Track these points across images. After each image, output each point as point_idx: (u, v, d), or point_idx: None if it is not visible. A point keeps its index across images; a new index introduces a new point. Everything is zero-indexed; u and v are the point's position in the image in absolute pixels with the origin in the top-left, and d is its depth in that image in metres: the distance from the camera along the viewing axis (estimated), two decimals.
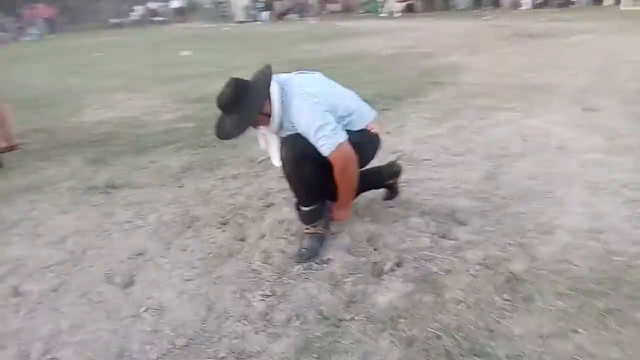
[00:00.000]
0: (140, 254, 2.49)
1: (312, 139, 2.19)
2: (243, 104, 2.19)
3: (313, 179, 2.30)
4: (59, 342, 1.86)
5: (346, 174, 2.26)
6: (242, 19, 23.81)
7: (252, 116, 2.20)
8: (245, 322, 1.92)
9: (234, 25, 21.39)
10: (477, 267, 2.18)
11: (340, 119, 2.31)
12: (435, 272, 2.17)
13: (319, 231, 2.43)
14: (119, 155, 4.08)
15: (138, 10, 28.92)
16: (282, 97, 2.23)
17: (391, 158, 3.55)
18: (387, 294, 2.04)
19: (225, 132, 2.25)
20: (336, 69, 7.69)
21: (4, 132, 4.33)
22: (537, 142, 3.71)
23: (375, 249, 2.40)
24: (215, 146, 4.08)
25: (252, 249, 2.47)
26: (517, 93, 5.30)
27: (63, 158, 4.10)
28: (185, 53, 11.22)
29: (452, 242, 2.41)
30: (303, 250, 2.37)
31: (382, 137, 4.07)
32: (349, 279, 2.15)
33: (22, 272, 2.36)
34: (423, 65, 7.57)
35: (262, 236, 2.59)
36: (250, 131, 2.33)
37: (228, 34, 17.40)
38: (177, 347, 1.81)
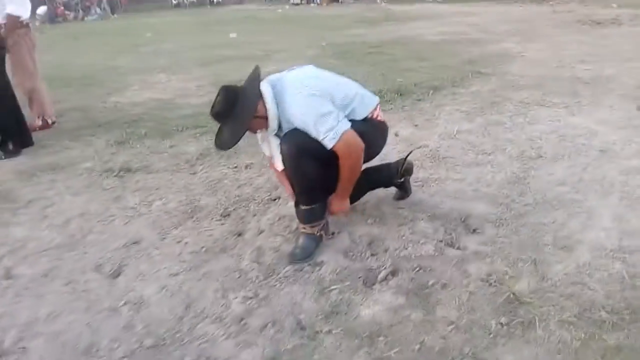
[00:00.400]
0: (135, 243, 2.46)
1: (314, 132, 2.06)
2: (236, 111, 2.10)
3: (313, 176, 2.17)
4: (33, 331, 1.86)
5: (351, 160, 2.11)
6: (297, 1, 23.64)
7: (246, 122, 2.10)
8: (220, 326, 1.84)
9: (288, 8, 21.28)
10: (479, 282, 1.98)
11: (340, 108, 2.18)
12: (431, 285, 1.99)
13: (316, 232, 2.30)
14: (142, 138, 4.10)
15: None
16: (275, 96, 2.13)
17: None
18: (374, 306, 1.90)
19: (222, 141, 2.17)
20: (378, 55, 7.45)
21: (39, 111, 4.48)
22: (577, 143, 3.38)
23: (373, 254, 2.25)
24: None
25: (246, 246, 2.38)
26: (567, 87, 4.88)
27: (90, 138, 4.17)
28: (232, 35, 11.24)
29: (457, 252, 2.22)
30: (297, 250, 2.26)
31: (409, 130, 3.90)
32: (337, 286, 2.02)
33: (19, 254, 2.39)
34: (470, 52, 7.16)
35: (260, 232, 2.50)
36: (252, 137, 2.24)
37: (280, 16, 17.30)
38: (145, 347, 1.75)
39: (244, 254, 2.30)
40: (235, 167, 3.37)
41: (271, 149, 2.29)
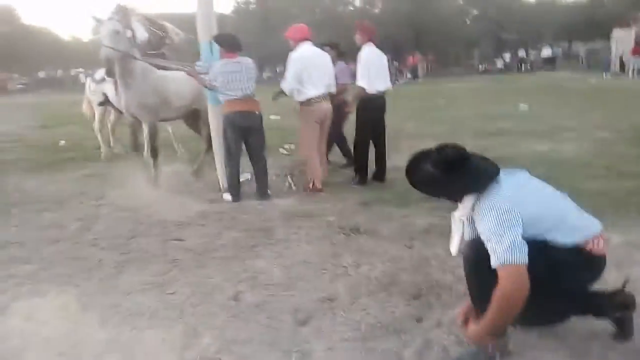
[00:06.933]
0: (330, 300, 2.79)
1: (487, 245, 2.03)
2: (452, 176, 2.13)
3: (489, 287, 2.00)
4: (229, 349, 2.37)
5: (505, 297, 1.93)
6: (617, 70, 21.19)
7: (453, 195, 2.23)
8: None
9: (606, 78, 19.23)
10: None
11: (545, 231, 2.05)
12: None
13: (489, 348, 2.13)
14: (385, 203, 4.52)
15: (506, 57, 29.54)
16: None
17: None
18: None
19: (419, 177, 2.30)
20: None
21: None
22: None
23: None
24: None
25: (419, 334, 2.43)
26: None
27: (345, 195, 4.84)
28: (523, 106, 10.94)
29: None
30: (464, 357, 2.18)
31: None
32: None
33: (251, 283, 3.02)
34: None
35: (439, 324, 2.50)
36: None
37: (590, 87, 15.83)
38: None
39: (412, 343, 2.35)
40: (447, 250, 3.38)
41: (453, 227, 2.30)
